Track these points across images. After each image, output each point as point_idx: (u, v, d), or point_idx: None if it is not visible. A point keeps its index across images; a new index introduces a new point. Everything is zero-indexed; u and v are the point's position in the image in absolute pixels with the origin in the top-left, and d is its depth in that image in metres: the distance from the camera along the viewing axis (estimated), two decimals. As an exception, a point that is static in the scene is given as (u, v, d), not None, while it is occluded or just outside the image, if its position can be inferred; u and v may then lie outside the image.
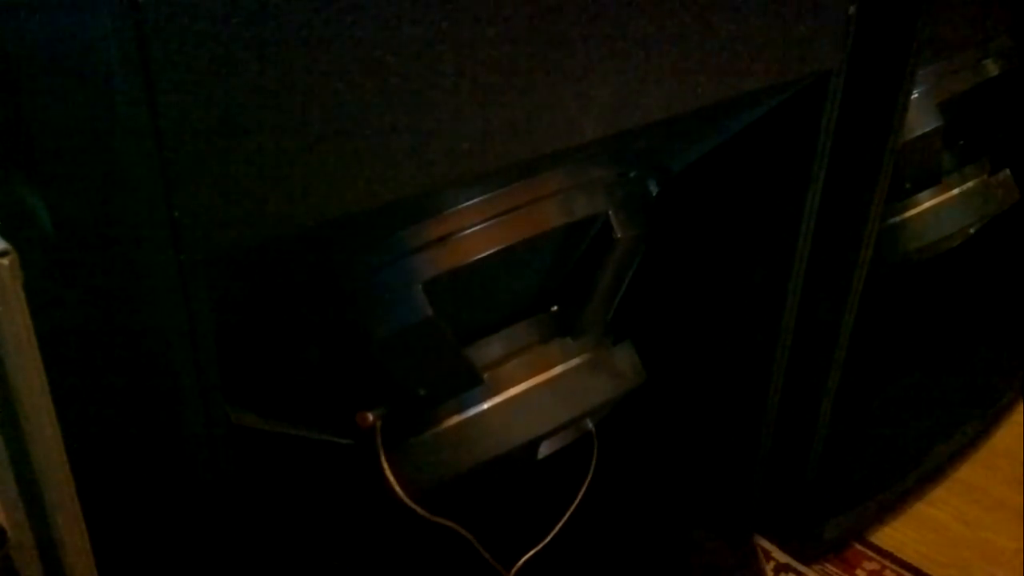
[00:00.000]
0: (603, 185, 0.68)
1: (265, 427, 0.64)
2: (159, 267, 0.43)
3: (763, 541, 1.04)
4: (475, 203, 0.61)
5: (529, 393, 0.68)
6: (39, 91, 0.45)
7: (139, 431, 0.51)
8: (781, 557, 1.03)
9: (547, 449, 0.74)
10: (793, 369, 0.90)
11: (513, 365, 0.68)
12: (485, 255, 0.61)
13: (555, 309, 0.72)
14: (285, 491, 0.75)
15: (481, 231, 0.61)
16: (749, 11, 0.63)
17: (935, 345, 1.34)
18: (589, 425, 0.76)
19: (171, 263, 0.43)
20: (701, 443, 0.98)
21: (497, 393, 0.67)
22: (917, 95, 0.90)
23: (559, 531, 0.79)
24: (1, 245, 0.39)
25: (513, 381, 0.67)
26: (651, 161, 0.76)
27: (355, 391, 0.66)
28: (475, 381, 0.66)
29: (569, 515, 0.80)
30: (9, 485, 0.43)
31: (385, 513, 0.68)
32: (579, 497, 0.80)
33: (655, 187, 0.78)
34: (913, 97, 0.87)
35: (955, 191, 1.04)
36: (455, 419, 0.66)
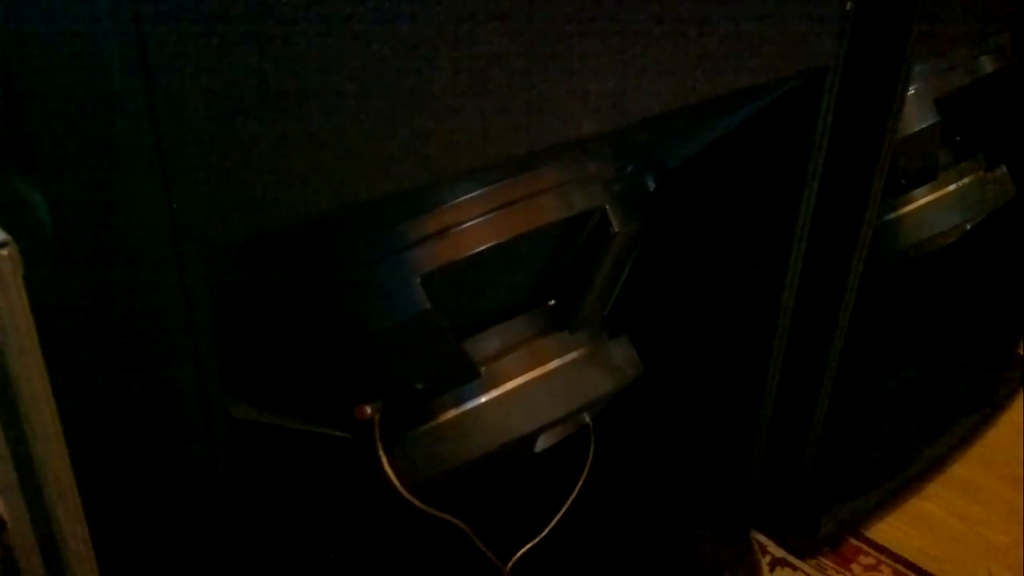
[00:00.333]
0: (600, 180, 0.69)
1: (263, 420, 0.64)
2: (158, 260, 0.44)
3: (759, 536, 1.04)
4: (473, 197, 0.61)
5: (526, 387, 0.68)
6: (37, 84, 0.45)
7: (138, 423, 0.51)
8: (777, 552, 1.03)
9: (544, 443, 0.75)
10: (789, 364, 0.90)
11: (510, 359, 0.68)
12: (483, 249, 0.61)
13: (552, 303, 0.72)
14: (283, 484, 0.75)
15: (479, 225, 0.61)
16: (746, 7, 0.64)
17: (931, 341, 1.34)
18: (586, 419, 0.76)
19: (170, 256, 0.44)
20: (698, 438, 0.99)
21: (494, 387, 0.67)
22: (914, 91, 0.91)
23: (556, 525, 0.79)
24: (1, 236, 0.39)
25: (510, 375, 0.67)
26: (648, 156, 0.77)
27: (353, 384, 0.66)
28: (472, 375, 0.66)
29: (566, 509, 0.80)
30: (9, 477, 0.43)
31: (382, 506, 0.68)
32: (576, 491, 0.80)
33: (652, 182, 0.78)
34: (910, 93, 0.87)
35: (951, 187, 1.05)
36: (453, 412, 0.66)
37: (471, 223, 0.61)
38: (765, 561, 1.02)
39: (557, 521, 0.79)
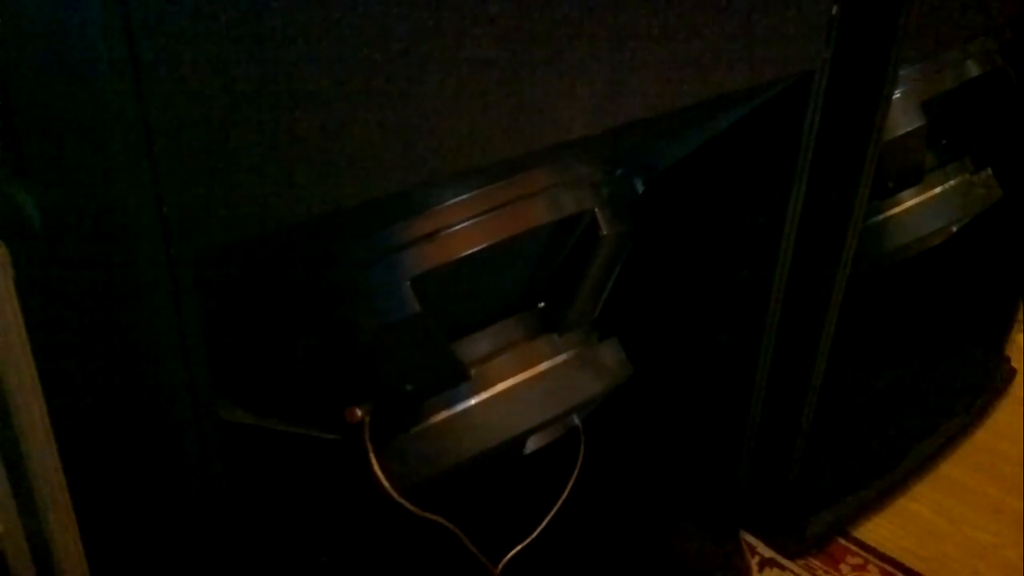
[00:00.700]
0: (589, 182, 0.69)
1: (253, 422, 0.64)
2: (148, 262, 0.44)
3: (748, 536, 1.05)
4: (463, 200, 0.61)
5: (516, 389, 0.68)
6: (27, 86, 0.45)
7: (128, 425, 0.51)
8: (766, 552, 1.04)
9: (534, 444, 0.75)
10: (777, 365, 0.90)
11: (500, 361, 0.68)
12: (473, 251, 0.62)
13: (542, 305, 0.72)
14: (274, 486, 0.75)
15: (469, 228, 0.62)
16: (733, 11, 0.64)
17: (918, 342, 1.35)
18: (576, 421, 0.77)
19: (160, 258, 0.44)
20: (687, 439, 0.99)
21: (484, 389, 0.67)
22: (900, 95, 0.91)
23: (546, 526, 0.79)
24: (-8, 240, 0.39)
25: (500, 377, 0.68)
26: (637, 159, 0.77)
27: (343, 387, 0.67)
28: (463, 377, 0.66)
29: (556, 510, 0.80)
30: (0, 481, 0.43)
31: (373, 508, 0.68)
32: (566, 492, 0.80)
33: (641, 185, 0.79)
34: (896, 96, 0.87)
35: (937, 190, 1.05)
36: (443, 415, 0.67)
37: (461, 226, 0.61)
38: (754, 562, 1.02)
39: (547, 522, 0.79)
